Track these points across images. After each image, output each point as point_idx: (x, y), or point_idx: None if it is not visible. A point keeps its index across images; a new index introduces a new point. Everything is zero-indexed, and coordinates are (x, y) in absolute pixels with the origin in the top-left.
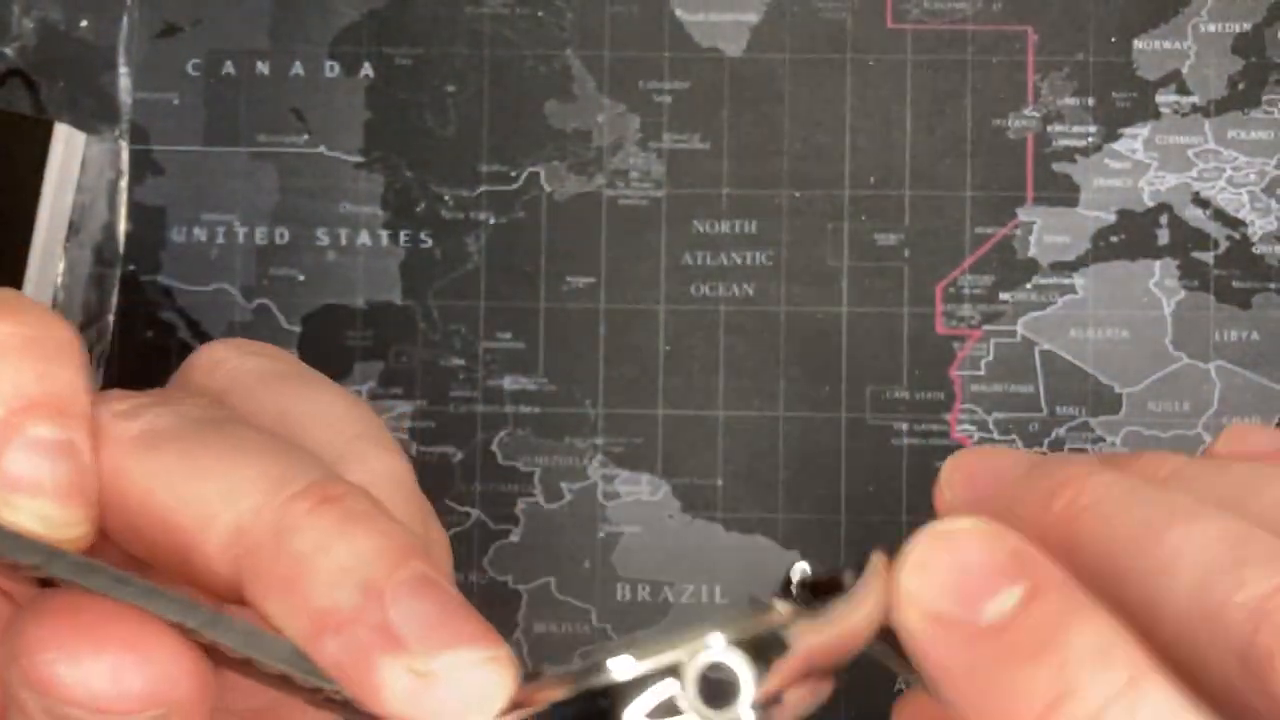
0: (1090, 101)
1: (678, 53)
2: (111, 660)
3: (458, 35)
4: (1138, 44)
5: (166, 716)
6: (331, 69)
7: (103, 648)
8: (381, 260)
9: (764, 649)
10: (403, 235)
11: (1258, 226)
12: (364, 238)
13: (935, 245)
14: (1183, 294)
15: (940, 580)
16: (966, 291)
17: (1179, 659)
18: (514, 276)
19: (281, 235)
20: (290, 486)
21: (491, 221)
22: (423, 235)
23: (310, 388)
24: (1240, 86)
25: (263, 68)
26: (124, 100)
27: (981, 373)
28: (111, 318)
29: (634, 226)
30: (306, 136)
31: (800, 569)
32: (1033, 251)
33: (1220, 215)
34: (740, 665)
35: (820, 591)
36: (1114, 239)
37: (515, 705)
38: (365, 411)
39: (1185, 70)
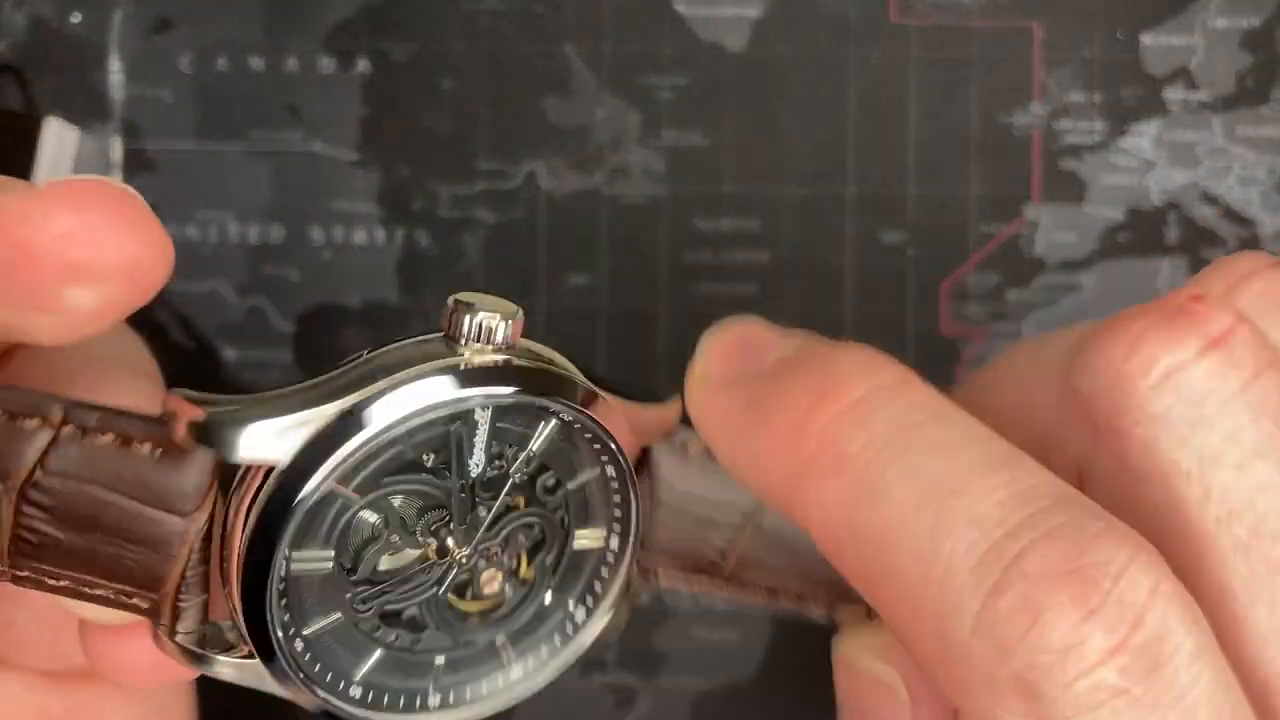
0: (1097, 98)
1: (678, 47)
2: None
3: (454, 29)
4: (1145, 39)
5: None
6: (327, 64)
7: None
8: (378, 259)
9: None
10: (399, 233)
11: (1268, 225)
12: (360, 236)
13: (940, 243)
14: None
15: (724, 351)
16: (972, 290)
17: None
18: (512, 275)
19: (276, 233)
20: None
21: (489, 220)
22: (419, 233)
23: None
24: (1249, 83)
25: (257, 63)
26: (116, 96)
27: None
28: None
29: (634, 224)
30: (301, 133)
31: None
32: (1039, 250)
33: (1230, 213)
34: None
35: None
36: (1121, 237)
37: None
38: None
39: (1194, 66)
